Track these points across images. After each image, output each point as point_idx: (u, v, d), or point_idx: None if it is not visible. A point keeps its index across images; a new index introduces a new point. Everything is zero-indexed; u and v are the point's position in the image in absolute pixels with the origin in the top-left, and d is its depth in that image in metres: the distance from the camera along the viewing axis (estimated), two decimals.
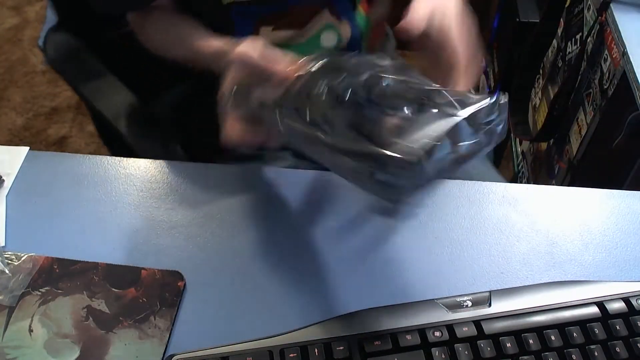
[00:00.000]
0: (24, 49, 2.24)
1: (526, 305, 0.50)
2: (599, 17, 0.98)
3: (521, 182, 1.42)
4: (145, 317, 0.51)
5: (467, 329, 0.48)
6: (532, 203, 0.61)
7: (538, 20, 1.23)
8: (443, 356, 0.46)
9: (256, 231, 0.58)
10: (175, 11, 0.76)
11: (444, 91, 0.46)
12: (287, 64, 0.50)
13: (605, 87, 0.95)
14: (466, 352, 0.47)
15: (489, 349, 0.47)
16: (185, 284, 0.54)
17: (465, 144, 0.44)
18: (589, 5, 1.05)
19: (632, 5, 0.94)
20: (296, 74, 0.50)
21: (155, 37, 0.77)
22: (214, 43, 0.63)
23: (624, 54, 0.87)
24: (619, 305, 0.49)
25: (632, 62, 0.84)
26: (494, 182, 0.64)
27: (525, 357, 0.47)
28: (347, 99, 0.46)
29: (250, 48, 0.53)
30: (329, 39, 0.76)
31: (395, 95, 0.46)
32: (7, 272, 0.54)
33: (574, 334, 0.48)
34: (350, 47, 0.77)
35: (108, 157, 0.65)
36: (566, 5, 1.18)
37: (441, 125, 0.44)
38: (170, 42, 0.74)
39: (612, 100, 0.92)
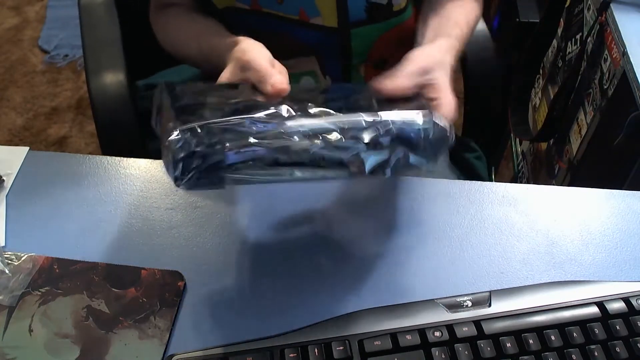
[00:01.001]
0: (24, 49, 2.24)
1: (526, 305, 0.50)
2: (599, 17, 0.98)
3: (521, 182, 1.42)
4: (145, 317, 0.51)
5: (467, 329, 0.48)
6: (532, 203, 0.61)
7: (538, 20, 1.23)
8: (443, 356, 0.46)
9: (256, 231, 0.58)
10: (192, 10, 0.75)
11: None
12: (282, 80, 0.50)
13: (605, 87, 0.95)
14: (466, 352, 0.47)
15: (489, 349, 0.47)
16: (185, 284, 0.54)
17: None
18: (589, 5, 1.05)
19: (632, 5, 0.94)
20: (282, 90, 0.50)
21: (168, 35, 0.76)
22: (224, 40, 0.61)
23: (624, 54, 0.87)
24: (619, 305, 0.49)
25: (632, 62, 0.84)
26: (494, 182, 0.64)
27: (525, 357, 0.47)
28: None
29: (261, 54, 0.53)
30: (307, 85, 0.75)
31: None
32: (7, 272, 0.54)
33: (574, 334, 0.48)
34: None
35: (108, 157, 0.65)
36: (566, 5, 1.18)
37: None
38: (182, 40, 0.74)
39: (612, 100, 0.92)
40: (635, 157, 0.87)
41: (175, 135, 0.42)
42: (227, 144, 0.42)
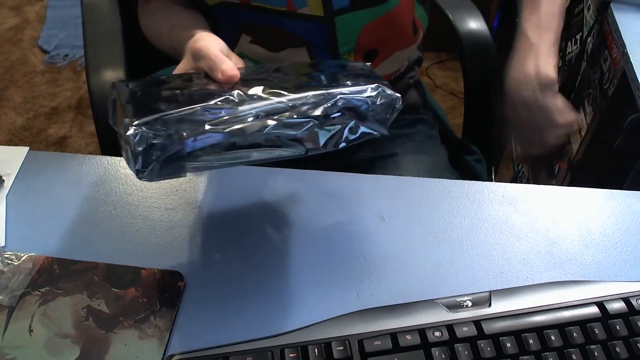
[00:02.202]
0: (24, 49, 2.24)
1: (526, 305, 0.50)
2: (599, 17, 0.98)
3: (521, 182, 1.42)
4: (145, 317, 0.51)
5: (467, 329, 0.48)
6: (532, 203, 0.61)
7: None
8: (443, 356, 0.46)
9: (256, 231, 0.58)
10: (176, 2, 0.75)
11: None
12: (232, 67, 0.51)
13: (605, 87, 0.94)
14: (466, 352, 0.47)
15: (489, 349, 0.47)
16: (185, 284, 0.54)
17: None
18: (589, 5, 1.05)
19: (632, 5, 0.94)
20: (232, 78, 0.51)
21: (148, 28, 0.77)
22: (188, 33, 0.62)
23: (624, 54, 0.87)
24: (619, 305, 0.49)
25: (632, 62, 0.84)
26: (494, 182, 0.64)
27: (525, 357, 0.47)
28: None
29: (213, 43, 0.54)
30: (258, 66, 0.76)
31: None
32: (7, 272, 0.54)
33: (574, 334, 0.48)
34: None
35: (108, 157, 0.65)
36: (566, 5, 1.18)
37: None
38: (158, 32, 0.75)
39: (612, 100, 0.92)
40: (635, 157, 0.87)
41: (132, 129, 0.43)
42: (184, 133, 0.43)
